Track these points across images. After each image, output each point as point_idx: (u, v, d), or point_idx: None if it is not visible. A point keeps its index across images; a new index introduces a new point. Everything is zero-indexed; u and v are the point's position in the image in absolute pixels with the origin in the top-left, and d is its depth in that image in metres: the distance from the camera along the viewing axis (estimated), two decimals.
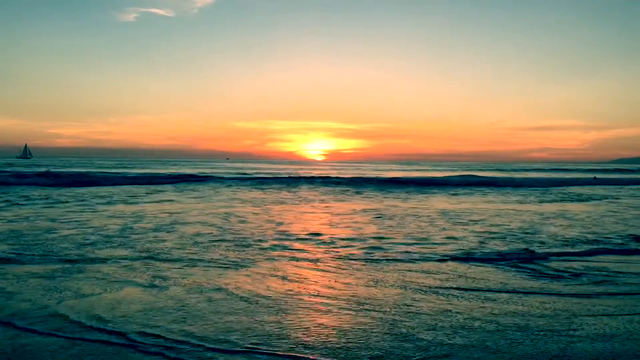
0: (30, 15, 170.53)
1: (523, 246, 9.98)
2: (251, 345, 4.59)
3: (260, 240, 10.40)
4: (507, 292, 6.61)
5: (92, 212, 15.55)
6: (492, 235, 11.55)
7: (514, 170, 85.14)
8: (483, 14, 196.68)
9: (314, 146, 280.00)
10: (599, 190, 32.71)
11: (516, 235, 11.59)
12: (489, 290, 6.65)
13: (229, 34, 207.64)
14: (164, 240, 10.21)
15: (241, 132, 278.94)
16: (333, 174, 49.71)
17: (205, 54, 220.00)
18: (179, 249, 9.34)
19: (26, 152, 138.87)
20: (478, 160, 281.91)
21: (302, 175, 47.08)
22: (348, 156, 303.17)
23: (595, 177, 50.70)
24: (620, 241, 10.85)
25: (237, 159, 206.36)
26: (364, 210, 17.33)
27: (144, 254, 8.71)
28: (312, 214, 16.10)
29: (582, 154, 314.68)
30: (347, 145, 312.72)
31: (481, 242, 10.50)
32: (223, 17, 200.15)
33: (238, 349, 4.53)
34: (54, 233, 10.94)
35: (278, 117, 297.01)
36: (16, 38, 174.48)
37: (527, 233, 12.01)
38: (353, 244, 10.18)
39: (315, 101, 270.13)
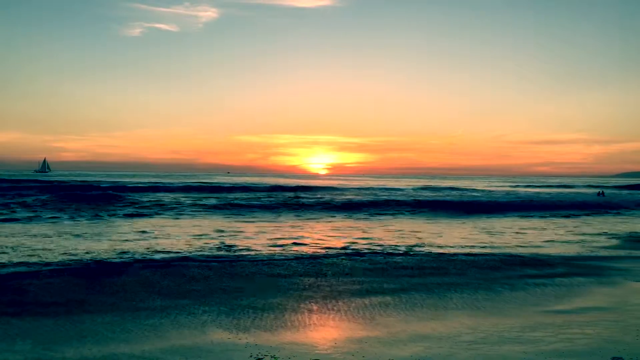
0: (35, 29, 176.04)
1: None
2: None
3: None
4: None
5: None
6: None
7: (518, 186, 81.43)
8: (486, 27, 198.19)
9: (317, 160, 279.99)
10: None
11: None
12: None
13: (232, 49, 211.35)
14: None
15: (244, 146, 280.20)
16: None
17: (209, 69, 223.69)
18: None
19: (45, 167, 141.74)
20: (483, 174, 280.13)
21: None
22: (352, 170, 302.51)
23: (601, 193, 48.60)
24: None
25: (240, 172, 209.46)
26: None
27: None
28: None
29: (587, 167, 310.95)
30: (351, 159, 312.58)
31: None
32: (227, 31, 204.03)
33: None
34: None
35: (281, 131, 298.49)
36: (19, 51, 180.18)
37: None
38: None
39: (319, 115, 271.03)
